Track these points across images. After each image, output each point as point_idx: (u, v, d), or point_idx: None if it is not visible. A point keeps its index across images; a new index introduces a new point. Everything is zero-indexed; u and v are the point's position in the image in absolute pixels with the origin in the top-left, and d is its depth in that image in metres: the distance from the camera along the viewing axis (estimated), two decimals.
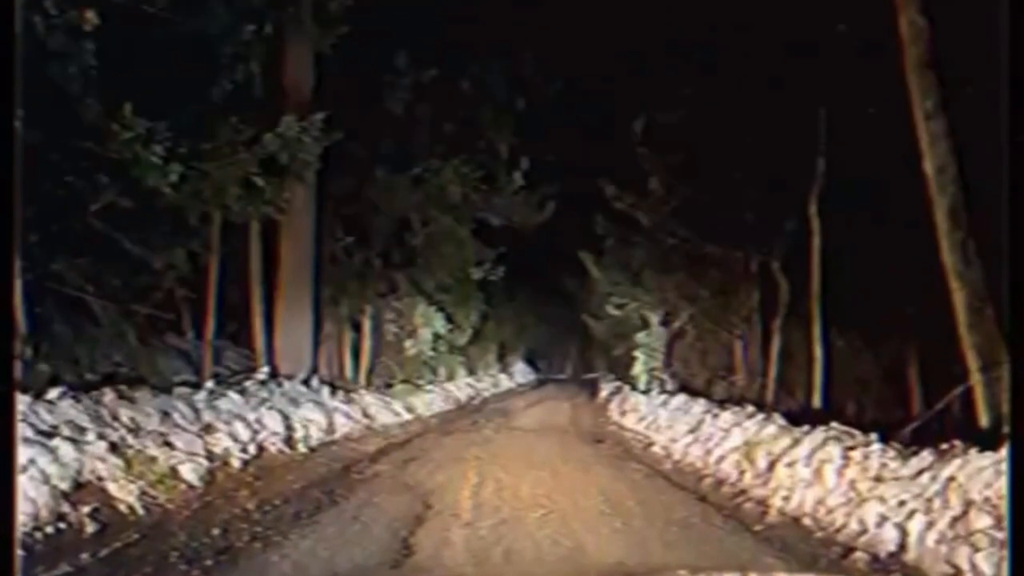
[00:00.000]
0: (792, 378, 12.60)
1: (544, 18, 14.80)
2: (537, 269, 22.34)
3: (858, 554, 4.65)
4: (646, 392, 15.53)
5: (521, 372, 29.59)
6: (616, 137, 14.87)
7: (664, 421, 11.03)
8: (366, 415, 11.00)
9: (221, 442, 7.05)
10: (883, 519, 4.82)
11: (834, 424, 6.73)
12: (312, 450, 8.46)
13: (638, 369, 18.13)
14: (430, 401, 14.68)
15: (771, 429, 7.57)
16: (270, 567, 4.22)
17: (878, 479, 5.26)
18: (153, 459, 5.91)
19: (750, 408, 9.29)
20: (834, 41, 9.19)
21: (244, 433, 7.55)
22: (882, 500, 4.97)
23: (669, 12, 11.95)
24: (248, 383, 9.68)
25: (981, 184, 6.57)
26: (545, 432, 11.86)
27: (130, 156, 7.33)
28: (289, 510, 5.51)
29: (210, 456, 6.66)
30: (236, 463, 7.00)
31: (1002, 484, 4.17)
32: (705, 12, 11.13)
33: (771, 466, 6.60)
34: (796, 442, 6.69)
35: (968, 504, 4.33)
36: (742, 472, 7.03)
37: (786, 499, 5.90)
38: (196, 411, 7.52)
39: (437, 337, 17.35)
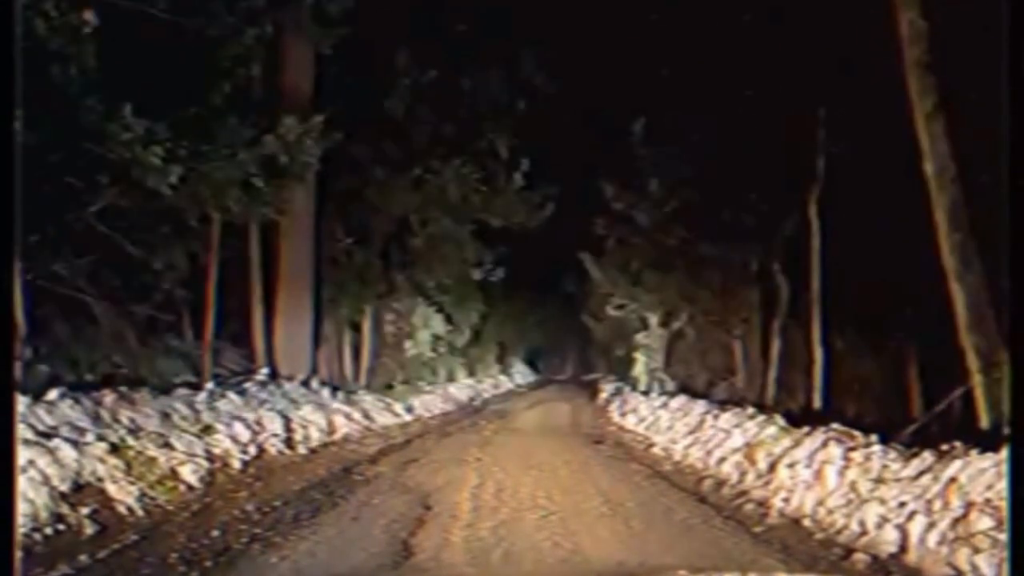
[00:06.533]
0: (792, 379, 12.59)
1: (546, 19, 14.83)
2: (537, 270, 22.33)
3: (859, 555, 4.64)
4: (646, 393, 15.53)
5: (521, 373, 29.58)
6: (616, 137, 14.89)
7: (664, 422, 11.02)
8: (366, 416, 11.00)
9: (221, 443, 7.05)
10: (884, 520, 4.81)
11: (835, 425, 6.72)
12: (312, 451, 8.45)
13: (638, 370, 18.14)
14: (430, 402, 14.68)
15: (772, 430, 7.57)
16: (269, 569, 4.22)
17: (879, 480, 5.25)
18: (153, 460, 5.91)
19: (750, 409, 9.29)
20: (834, 41, 9.18)
21: (244, 434, 7.55)
22: (883, 501, 4.96)
23: (669, 13, 11.96)
24: (248, 384, 9.68)
25: (981, 184, 6.57)
26: (545, 433, 11.85)
27: (130, 157, 7.33)
28: (289, 511, 5.50)
29: (210, 457, 6.66)
30: (236, 464, 7.00)
31: (1003, 485, 4.16)
32: (706, 13, 11.14)
33: (772, 467, 6.59)
34: (797, 443, 6.68)
35: (969, 505, 4.32)
36: (743, 473, 7.03)
37: (786, 500, 5.89)
38: (196, 412, 7.53)
39: (437, 338, 17.38)
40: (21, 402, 5.63)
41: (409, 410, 13.01)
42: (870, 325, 11.61)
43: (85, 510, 4.85)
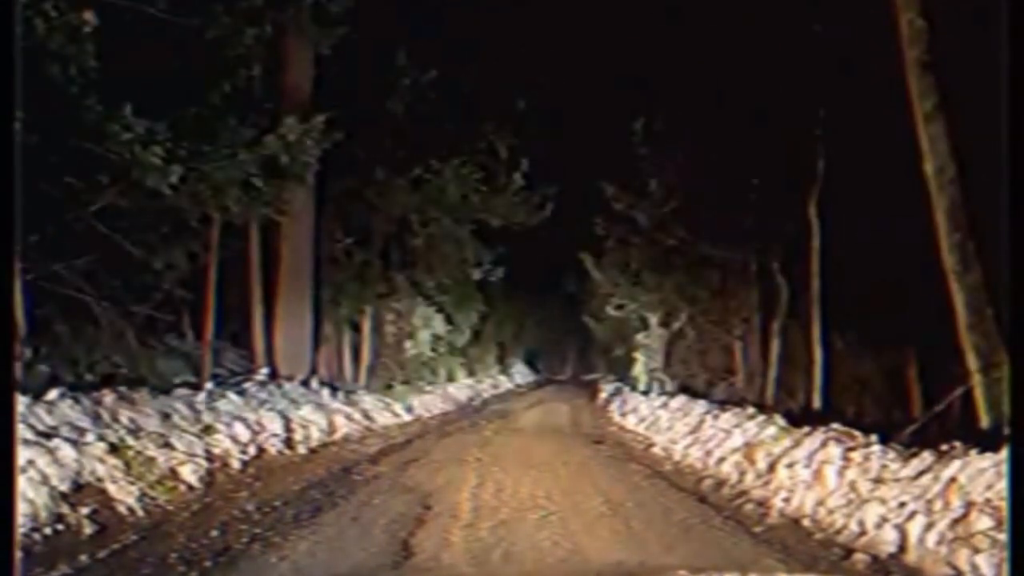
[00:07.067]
0: (792, 379, 12.59)
1: (546, 20, 14.87)
2: (537, 270, 22.34)
3: (858, 555, 4.64)
4: (646, 393, 15.54)
5: (521, 373, 29.58)
6: (616, 137, 14.91)
7: (664, 422, 11.03)
8: (366, 416, 11.00)
9: (221, 443, 7.05)
10: (883, 520, 4.81)
11: (834, 425, 6.72)
12: (312, 451, 8.46)
13: (638, 370, 18.16)
14: (430, 402, 14.68)
15: (771, 430, 7.57)
16: (269, 569, 4.22)
17: (878, 480, 5.25)
18: (152, 460, 5.91)
19: (750, 409, 9.29)
20: (834, 41, 9.19)
21: (244, 434, 7.55)
22: (882, 501, 4.96)
23: (670, 12, 11.98)
24: (248, 384, 9.68)
25: (981, 184, 6.56)
26: (545, 433, 11.85)
27: (130, 157, 7.32)
28: (289, 511, 5.50)
29: (210, 457, 6.66)
30: (236, 464, 7.00)
31: (1003, 485, 4.16)
32: (707, 12, 11.15)
33: (771, 467, 6.59)
34: (796, 443, 6.68)
35: (969, 505, 4.32)
36: (742, 473, 7.03)
37: (786, 500, 5.89)
38: (196, 412, 7.52)
39: (437, 338, 17.38)
40: (21, 402, 5.63)
41: (409, 410, 13.01)
42: (870, 325, 11.60)
43: (85, 510, 4.85)
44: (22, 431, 5.14)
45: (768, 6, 10.15)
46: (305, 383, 11.09)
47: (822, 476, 5.75)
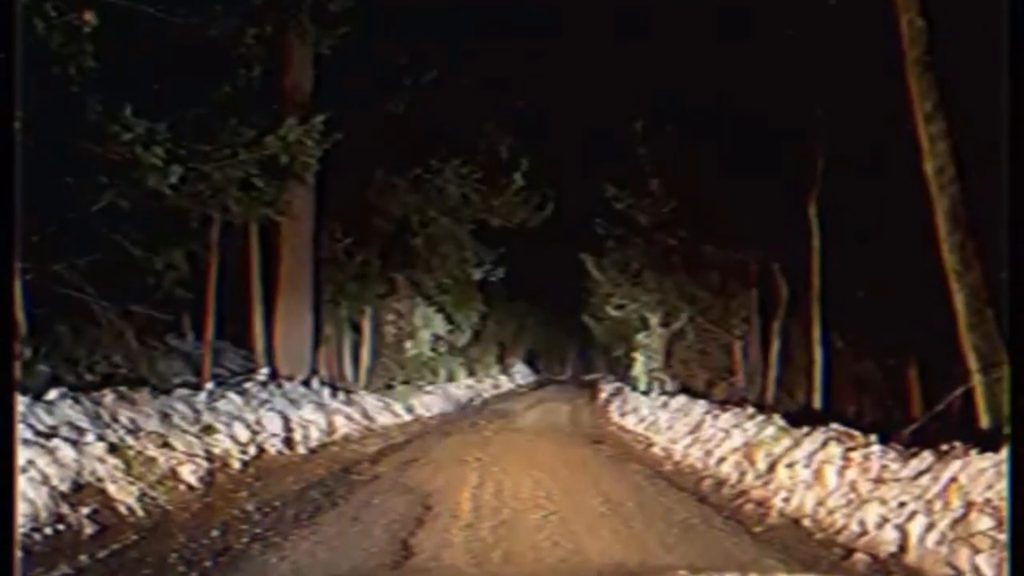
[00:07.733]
0: (792, 379, 12.60)
1: (547, 21, 14.87)
2: (537, 270, 22.35)
3: (858, 555, 4.64)
4: (646, 393, 15.55)
5: (521, 373, 29.60)
6: (616, 137, 14.92)
7: (664, 422, 11.03)
8: (366, 416, 11.00)
9: (221, 443, 7.06)
10: (883, 520, 4.81)
11: (834, 425, 6.72)
12: (312, 451, 8.46)
13: (638, 370, 18.17)
14: (430, 402, 14.68)
15: (771, 430, 7.57)
16: (269, 569, 4.22)
17: (878, 480, 5.25)
18: (153, 460, 5.91)
19: (750, 409, 9.30)
20: (835, 41, 9.19)
21: (244, 434, 7.56)
22: (882, 501, 4.96)
23: (670, 12, 11.98)
24: (248, 384, 9.68)
25: (981, 184, 6.57)
26: (545, 433, 11.85)
27: (130, 157, 7.32)
28: (289, 511, 5.50)
29: (210, 457, 6.66)
30: (236, 464, 7.00)
31: (1003, 485, 4.16)
32: (707, 11, 11.16)
33: (771, 467, 6.59)
34: (796, 443, 6.69)
35: (969, 505, 4.32)
36: (742, 473, 7.03)
37: (786, 500, 5.89)
38: (196, 412, 7.53)
39: (437, 338, 17.39)
40: (21, 402, 5.63)
41: (409, 410, 13.01)
42: (870, 325, 11.61)
43: (85, 510, 4.85)
44: (22, 431, 5.14)
45: (768, 6, 10.15)
46: (305, 383, 11.09)
47: (822, 476, 5.75)
